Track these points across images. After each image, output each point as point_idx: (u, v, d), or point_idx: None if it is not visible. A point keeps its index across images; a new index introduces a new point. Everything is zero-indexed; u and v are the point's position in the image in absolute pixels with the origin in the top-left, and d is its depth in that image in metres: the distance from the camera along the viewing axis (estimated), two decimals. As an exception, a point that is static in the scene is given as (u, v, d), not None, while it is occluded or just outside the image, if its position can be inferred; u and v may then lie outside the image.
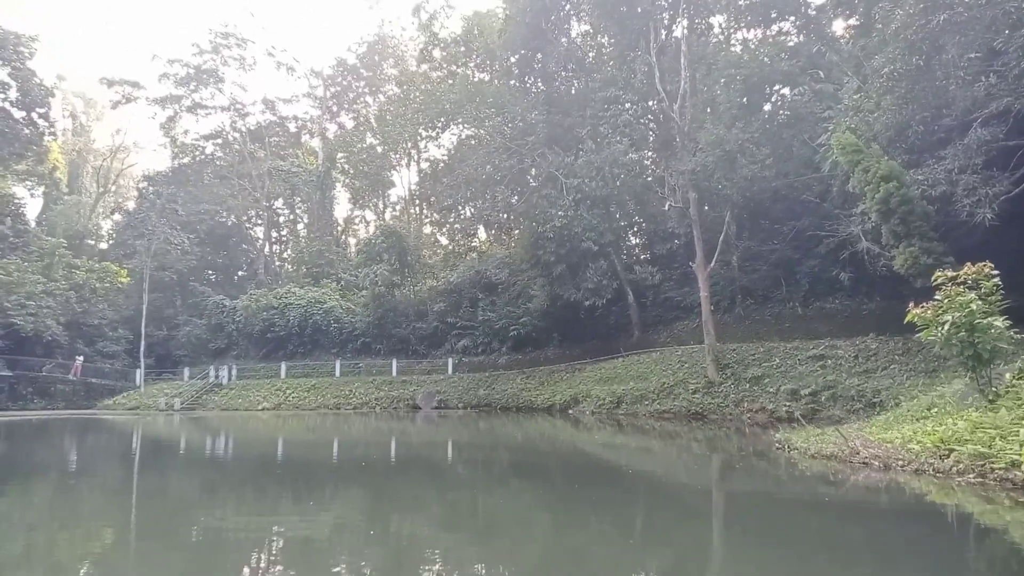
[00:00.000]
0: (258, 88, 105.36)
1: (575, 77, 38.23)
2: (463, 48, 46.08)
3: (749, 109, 26.39)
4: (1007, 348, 10.87)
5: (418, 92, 48.64)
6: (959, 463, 9.42)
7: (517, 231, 42.42)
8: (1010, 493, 8.29)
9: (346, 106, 66.81)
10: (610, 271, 31.93)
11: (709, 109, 28.79)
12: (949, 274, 11.49)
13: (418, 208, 60.45)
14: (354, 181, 62.72)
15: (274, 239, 66.39)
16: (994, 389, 10.83)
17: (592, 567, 6.36)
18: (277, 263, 64.03)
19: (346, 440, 22.22)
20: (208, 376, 42.76)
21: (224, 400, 39.37)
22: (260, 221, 64.40)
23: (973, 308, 10.66)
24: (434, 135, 47.34)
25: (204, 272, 57.32)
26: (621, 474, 13.08)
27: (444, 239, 56.02)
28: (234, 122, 63.92)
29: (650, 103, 31.03)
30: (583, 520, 8.62)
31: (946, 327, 10.79)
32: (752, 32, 35.44)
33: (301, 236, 65.50)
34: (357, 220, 68.53)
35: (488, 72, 45.45)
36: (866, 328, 24.54)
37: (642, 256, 39.85)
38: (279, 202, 64.90)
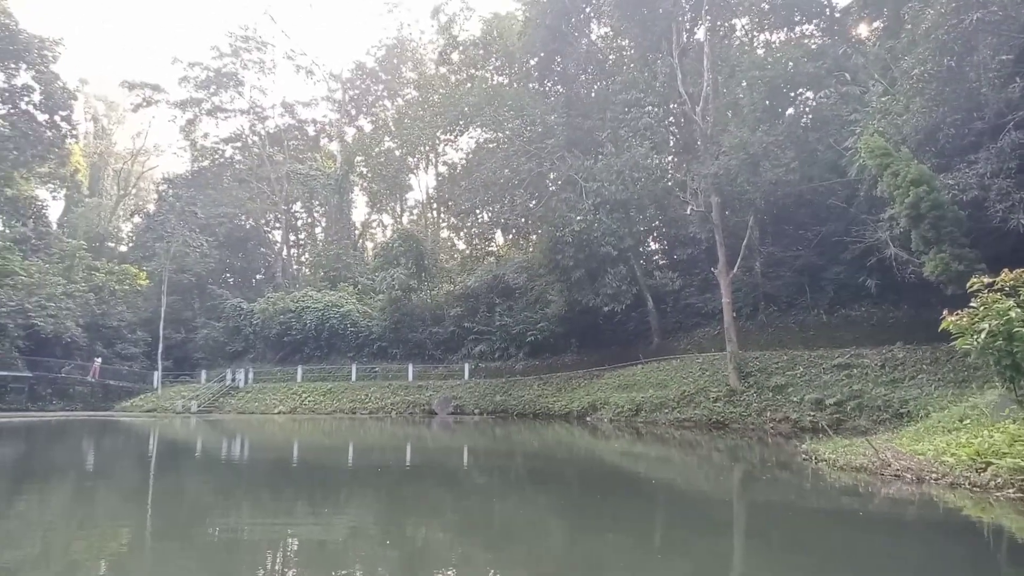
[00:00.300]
0: (277, 91, 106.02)
1: (595, 80, 37.93)
2: (482, 51, 45.90)
3: (773, 112, 25.93)
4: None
5: (436, 95, 48.59)
6: (997, 477, 9.01)
7: (535, 236, 42.14)
8: (1056, 511, 7.88)
9: (364, 110, 67.01)
10: (629, 276, 31.52)
11: (731, 112, 28.36)
12: (985, 280, 11.05)
13: (435, 212, 60.38)
14: (372, 185, 62.76)
15: (292, 242, 66.66)
16: (1034, 400, 10.38)
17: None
18: (295, 266, 64.24)
19: (362, 445, 22.06)
20: (225, 379, 42.86)
21: (241, 403, 39.40)
22: (278, 224, 64.71)
23: (1012, 316, 10.22)
24: (452, 138, 47.23)
25: (222, 275, 57.65)
26: (641, 483, 12.73)
27: (461, 244, 55.86)
28: (253, 125, 64.41)
29: (671, 106, 30.64)
30: (600, 529, 8.38)
31: (982, 335, 10.34)
32: (775, 35, 35.06)
33: (319, 240, 65.66)
34: (374, 224, 68.71)
35: (507, 75, 45.25)
36: (893, 337, 23.97)
37: (662, 262, 39.40)
38: (297, 205, 65.16)
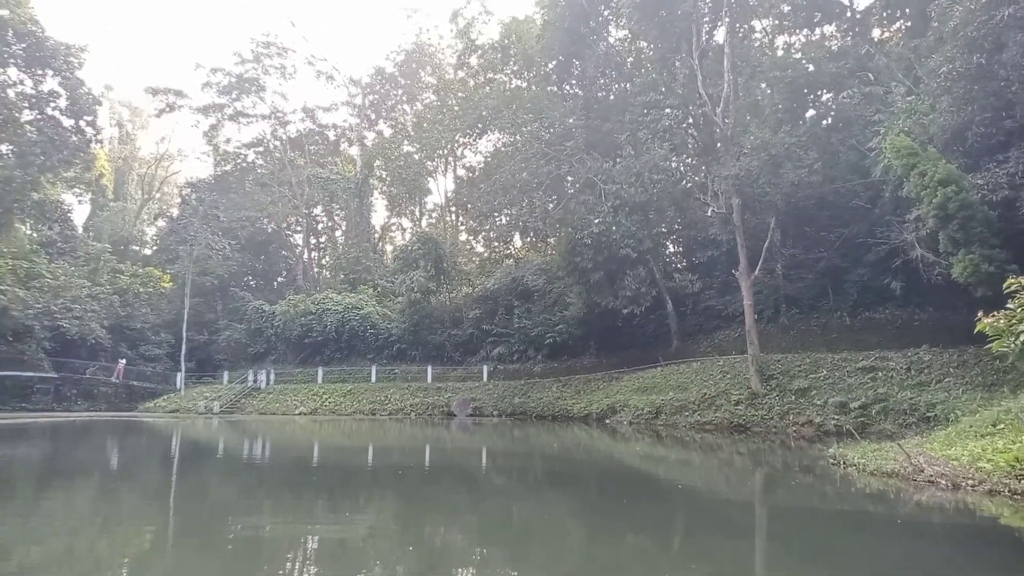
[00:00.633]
0: (298, 97, 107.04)
1: (614, 82, 37.81)
2: (500, 55, 45.96)
3: (794, 113, 25.64)
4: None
5: (455, 99, 48.69)
6: (1038, 484, 8.79)
7: (553, 239, 42.04)
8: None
9: (384, 114, 67.36)
10: (648, 279, 31.30)
11: (748, 116, 28.08)
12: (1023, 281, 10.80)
13: (454, 215, 60.52)
14: (391, 188, 63.05)
15: (313, 245, 67.09)
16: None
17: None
18: (315, 269, 64.64)
19: (381, 446, 22.10)
20: (247, 380, 43.19)
21: (262, 404, 39.68)
22: (299, 228, 65.14)
23: (1051, 318, 9.99)
24: (471, 141, 47.28)
25: (244, 278, 58.11)
26: (662, 487, 12.59)
27: (480, 247, 55.92)
28: (275, 130, 64.99)
29: (690, 108, 30.41)
30: (620, 533, 8.31)
31: (1021, 337, 10.10)
32: (795, 36, 34.73)
33: (339, 243, 66.04)
34: (394, 227, 68.90)
35: (525, 79, 45.28)
36: (918, 339, 23.56)
37: (681, 264, 39.13)
38: (318, 209, 65.54)
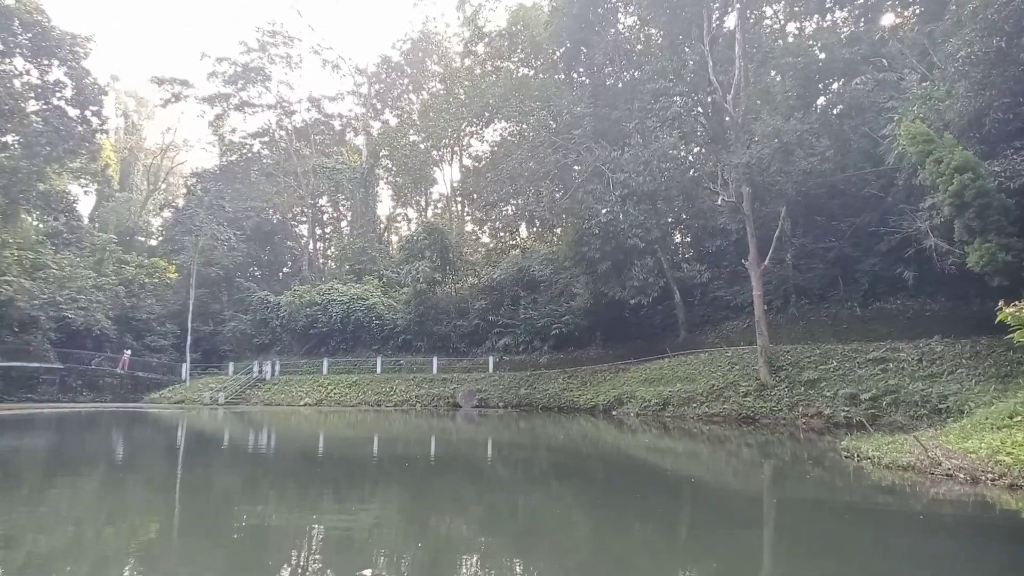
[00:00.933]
0: (304, 86, 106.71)
1: (622, 70, 37.31)
2: (507, 42, 45.44)
3: (806, 100, 25.20)
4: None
5: (461, 88, 48.27)
6: (1060, 478, 8.50)
7: (560, 229, 41.72)
8: None
9: (390, 103, 66.96)
10: (656, 269, 30.97)
11: (759, 103, 27.65)
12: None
13: (460, 206, 60.21)
14: (396, 179, 62.72)
15: (318, 236, 66.96)
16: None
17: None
18: (321, 260, 64.52)
19: (387, 437, 21.97)
20: (252, 371, 43.14)
21: (267, 395, 39.63)
22: (304, 218, 65.00)
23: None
24: (478, 129, 46.87)
25: (249, 268, 57.99)
26: (670, 479, 12.36)
27: (486, 237, 55.65)
28: (280, 120, 64.75)
29: (700, 95, 29.94)
30: (627, 526, 8.20)
31: (1043, 327, 9.80)
32: (806, 23, 34.16)
33: (344, 233, 65.85)
34: (399, 218, 68.65)
35: (532, 67, 44.81)
36: (930, 330, 23.19)
37: (688, 254, 38.78)
38: (323, 199, 65.36)
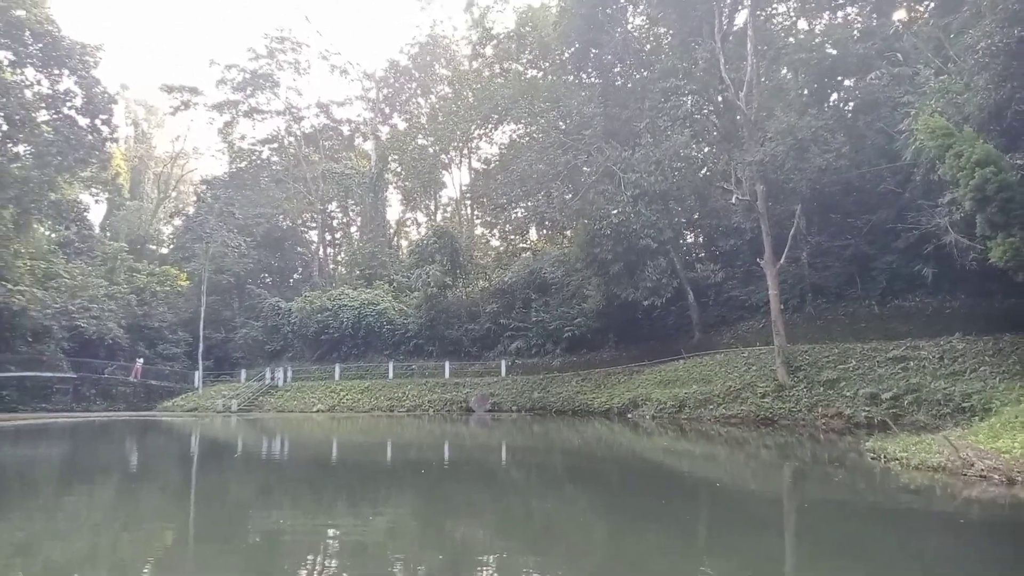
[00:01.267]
0: (312, 92, 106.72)
1: (632, 69, 37.07)
2: (515, 44, 45.32)
3: (820, 96, 24.89)
4: None
5: (470, 91, 48.17)
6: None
7: (570, 231, 41.48)
8: None
9: (398, 107, 67.01)
10: (669, 269, 30.67)
11: (772, 98, 27.32)
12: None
13: (469, 209, 60.13)
14: (406, 183, 62.79)
15: (328, 242, 67.06)
16: None
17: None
18: (331, 265, 64.56)
19: (400, 443, 21.82)
20: (264, 378, 43.12)
21: (280, 402, 39.57)
22: (314, 224, 65.15)
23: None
24: (487, 132, 46.71)
25: (260, 275, 58.14)
26: (697, 485, 12.10)
27: (495, 241, 55.51)
28: (289, 126, 65.00)
29: (711, 93, 29.69)
30: (644, 530, 8.03)
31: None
32: (817, 20, 33.80)
33: (354, 238, 65.91)
34: (409, 222, 68.65)
35: (541, 69, 44.68)
36: (951, 327, 22.73)
37: (701, 254, 38.42)
38: (333, 205, 65.48)
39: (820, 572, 6.27)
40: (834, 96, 27.95)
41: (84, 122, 43.12)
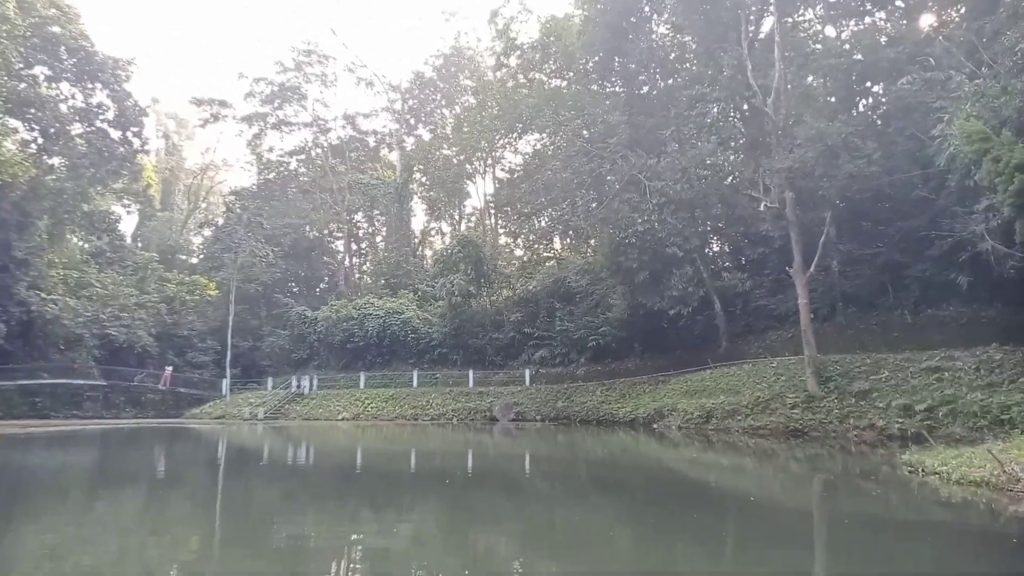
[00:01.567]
0: (339, 104, 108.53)
1: (657, 78, 36.90)
2: (539, 54, 45.40)
3: (850, 102, 24.50)
4: None
5: (494, 101, 48.32)
6: None
7: (595, 239, 41.26)
8: None
9: (423, 118, 67.49)
10: (696, 278, 30.33)
11: (800, 106, 26.94)
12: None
13: (493, 218, 60.21)
14: (430, 193, 63.16)
15: (354, 251, 67.57)
16: None
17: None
18: (357, 275, 65.04)
19: (424, 451, 21.77)
20: (290, 386, 43.39)
21: (305, 410, 39.79)
22: (340, 234, 65.71)
23: None
24: (511, 141, 46.73)
25: (287, 284, 58.71)
26: (727, 498, 11.84)
27: (519, 250, 55.46)
28: (316, 138, 65.80)
29: (737, 100, 29.38)
30: (670, 541, 7.86)
31: None
32: (845, 26, 33.32)
33: (380, 248, 66.38)
34: (433, 232, 68.99)
35: (565, 79, 44.68)
36: (987, 337, 22.06)
37: (727, 263, 37.93)
38: (359, 215, 66.01)
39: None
40: (863, 102, 27.51)
41: (116, 135, 44.13)
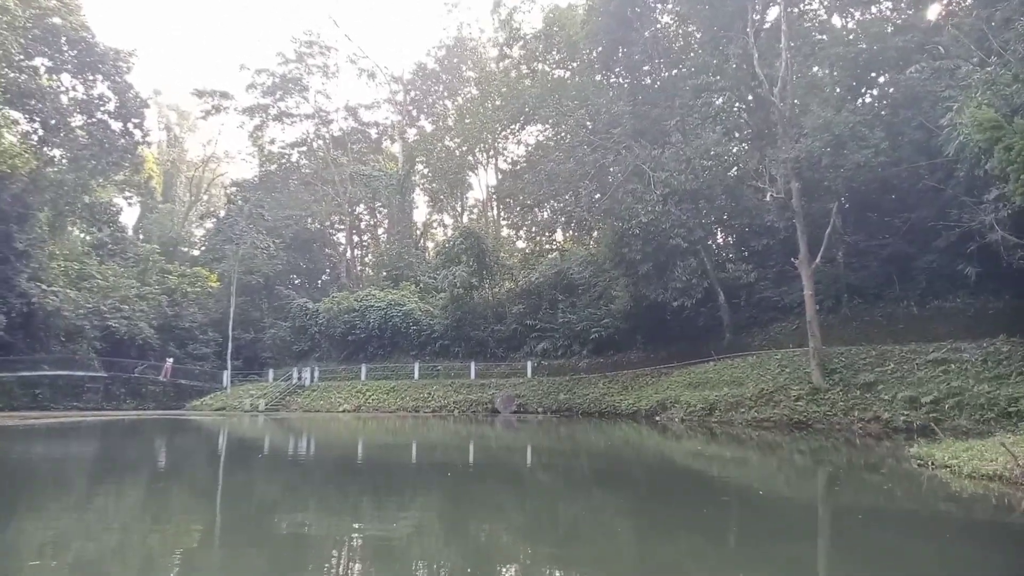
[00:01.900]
0: (340, 95, 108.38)
1: (661, 68, 36.56)
2: (543, 44, 45.07)
3: (857, 91, 24.19)
4: None
5: (496, 92, 48.00)
6: None
7: (597, 231, 41.03)
8: None
9: (425, 110, 67.24)
10: (700, 269, 30.06)
11: (806, 96, 26.63)
12: None
13: (495, 210, 59.96)
14: (432, 185, 62.92)
15: (355, 243, 67.48)
16: None
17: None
18: (358, 267, 64.92)
19: (426, 444, 21.63)
20: (291, 378, 43.35)
21: (307, 401, 39.70)
22: (342, 226, 65.57)
23: None
24: (514, 131, 46.38)
25: (289, 276, 58.61)
26: (733, 491, 11.65)
27: (522, 242, 55.22)
28: (318, 129, 65.55)
29: (743, 90, 29.03)
30: (673, 534, 7.76)
31: None
32: (850, 15, 32.93)
33: (381, 240, 66.23)
34: (435, 224, 68.83)
35: (568, 69, 44.34)
36: (995, 329, 21.87)
37: (731, 254, 37.65)
38: (360, 207, 65.87)
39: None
40: (870, 92, 27.15)
41: (117, 126, 43.91)
